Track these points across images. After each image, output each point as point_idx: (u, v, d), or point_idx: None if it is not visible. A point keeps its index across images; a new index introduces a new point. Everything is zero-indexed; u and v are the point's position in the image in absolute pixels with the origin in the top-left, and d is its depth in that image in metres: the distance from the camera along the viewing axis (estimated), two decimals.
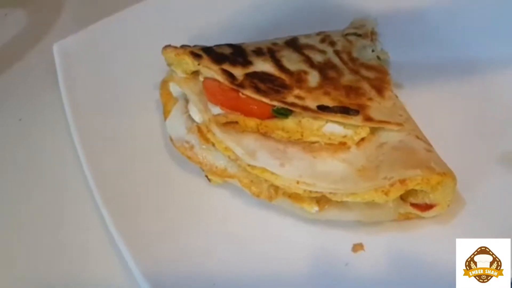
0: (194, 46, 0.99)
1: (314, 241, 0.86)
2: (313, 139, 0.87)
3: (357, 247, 0.84)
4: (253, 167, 0.86)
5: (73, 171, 0.96)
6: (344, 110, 0.86)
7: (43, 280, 0.86)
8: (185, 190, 0.93)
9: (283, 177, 0.84)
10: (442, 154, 0.84)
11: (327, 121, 0.87)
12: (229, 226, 0.88)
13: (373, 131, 0.86)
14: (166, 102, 1.00)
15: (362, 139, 0.86)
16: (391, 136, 0.86)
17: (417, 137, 0.87)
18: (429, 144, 0.87)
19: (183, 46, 0.98)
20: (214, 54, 0.94)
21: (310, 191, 0.83)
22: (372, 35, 1.06)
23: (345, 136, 0.86)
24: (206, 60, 0.94)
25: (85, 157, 0.94)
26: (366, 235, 0.85)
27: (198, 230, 0.87)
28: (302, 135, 0.87)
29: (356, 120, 0.86)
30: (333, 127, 0.87)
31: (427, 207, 0.83)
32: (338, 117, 0.86)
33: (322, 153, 0.86)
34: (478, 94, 1.00)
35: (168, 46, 0.97)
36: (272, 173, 0.85)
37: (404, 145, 0.84)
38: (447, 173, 0.81)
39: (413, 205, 0.84)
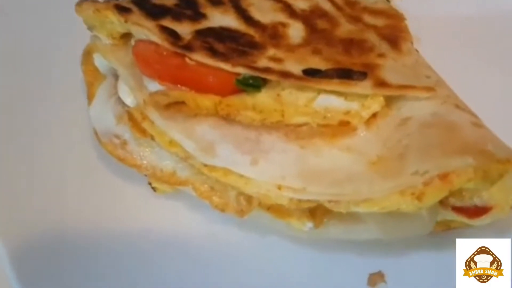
0: None
1: (311, 271, 0.66)
2: (300, 119, 0.63)
3: (375, 278, 0.64)
4: (212, 168, 0.63)
5: None
6: (344, 74, 0.63)
7: None
8: (121, 204, 0.73)
9: (256, 181, 0.61)
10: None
11: (319, 92, 0.64)
12: (185, 255, 0.68)
13: (389, 102, 0.63)
14: (92, 82, 0.78)
15: (374, 115, 0.63)
16: (417, 107, 0.62)
17: (458, 107, 0.61)
18: (476, 116, 0.61)
19: None
20: (149, 6, 0.72)
21: (299, 200, 0.59)
22: None
23: (348, 113, 0.62)
24: (136, 15, 0.69)
25: None
26: (387, 259, 0.65)
27: (139, 260, 0.68)
28: (283, 115, 0.64)
29: (364, 86, 0.62)
30: (329, 100, 0.63)
31: (479, 211, 0.61)
32: (336, 85, 0.62)
33: (314, 141, 0.62)
34: None
35: (84, 0, 0.72)
36: (241, 176, 0.62)
37: (440, 119, 0.59)
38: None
39: (457, 209, 0.62)
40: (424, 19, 0.83)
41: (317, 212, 0.62)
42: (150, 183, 0.70)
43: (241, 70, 0.64)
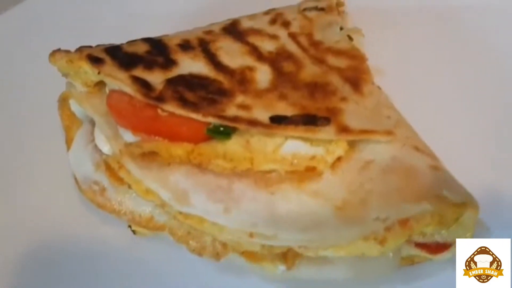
0: (97, 46, 0.72)
1: None
2: (269, 166, 0.64)
3: None
4: (187, 215, 0.63)
5: None
6: (309, 120, 0.64)
7: None
8: (103, 247, 0.72)
9: (229, 229, 0.61)
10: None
11: (286, 138, 0.65)
12: None
13: (352, 145, 0.65)
14: (69, 126, 0.78)
15: (338, 159, 0.64)
16: (379, 150, 0.63)
17: (417, 149, 0.63)
18: (434, 157, 0.63)
19: (81, 48, 0.73)
20: (121, 55, 0.72)
21: (271, 246, 0.60)
22: (338, 7, 0.82)
23: (313, 158, 0.64)
24: (109, 66, 0.70)
25: None
26: None
27: None
28: (252, 163, 0.64)
29: (327, 132, 0.63)
30: (296, 146, 0.64)
31: (440, 247, 0.62)
32: (301, 131, 0.63)
33: (283, 186, 0.63)
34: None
35: (57, 50, 0.73)
36: (214, 223, 0.62)
37: (400, 164, 0.61)
38: (467, 203, 0.58)
39: (420, 245, 0.63)
40: (386, 52, 0.84)
41: (288, 255, 0.62)
42: (130, 226, 0.70)
43: (211, 120, 0.64)
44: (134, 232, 0.71)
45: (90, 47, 0.74)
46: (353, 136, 0.62)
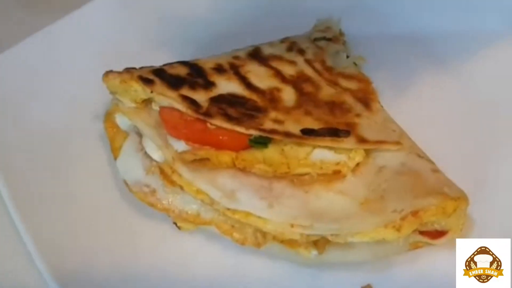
0: (141, 68, 0.83)
1: (312, 285, 0.77)
2: (303, 170, 0.75)
3: None
4: (234, 211, 0.74)
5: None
6: (333, 132, 0.75)
7: None
8: (149, 242, 0.82)
9: (273, 221, 0.72)
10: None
11: (314, 147, 0.76)
12: (210, 279, 0.78)
13: (367, 153, 0.76)
14: (113, 137, 0.86)
15: (357, 165, 0.76)
16: (389, 157, 0.76)
17: (419, 156, 0.76)
18: (432, 162, 0.77)
19: (127, 70, 0.82)
20: (168, 77, 0.81)
21: (308, 235, 0.72)
22: (340, 37, 0.94)
23: (338, 163, 0.76)
24: (159, 86, 0.79)
25: (19, 217, 0.78)
26: (373, 274, 0.76)
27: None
28: (289, 167, 0.75)
29: (349, 142, 0.75)
30: (322, 154, 0.76)
31: (438, 234, 0.73)
32: (327, 141, 0.75)
33: (315, 186, 0.74)
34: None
35: (110, 72, 0.81)
36: (259, 217, 0.73)
37: (408, 168, 0.74)
38: (461, 197, 0.71)
39: (423, 233, 0.74)
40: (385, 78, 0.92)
41: (319, 242, 0.73)
42: (175, 223, 0.79)
43: (252, 132, 0.74)
44: (179, 227, 0.79)
45: (135, 68, 0.84)
46: (370, 145, 0.75)
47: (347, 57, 0.90)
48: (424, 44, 0.98)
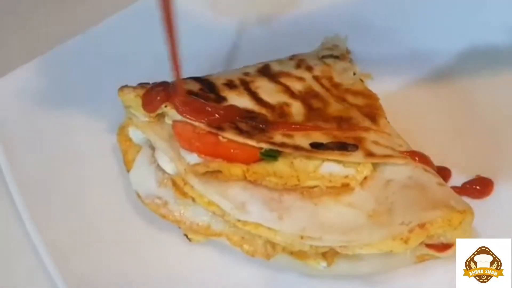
0: (154, 83, 0.85)
1: None
2: (312, 183, 0.77)
3: None
4: (245, 222, 0.75)
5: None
6: (342, 146, 0.77)
7: None
8: (159, 253, 0.83)
9: (283, 233, 0.73)
10: None
11: (323, 160, 0.77)
12: None
13: (375, 167, 0.78)
14: (127, 150, 0.89)
15: (365, 178, 0.77)
16: (396, 171, 0.77)
17: (425, 170, 0.78)
18: (438, 176, 0.78)
19: (141, 85, 0.84)
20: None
21: (317, 246, 0.73)
22: (347, 55, 0.97)
23: (347, 177, 0.77)
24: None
25: (33, 226, 0.81)
26: (380, 285, 0.77)
27: None
28: (298, 180, 0.77)
29: (357, 156, 0.77)
30: (331, 167, 0.78)
31: (444, 247, 0.75)
32: (336, 155, 0.77)
33: (324, 199, 0.76)
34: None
35: (125, 86, 0.85)
36: (269, 229, 0.74)
37: (415, 181, 0.75)
38: (467, 210, 0.73)
39: (429, 245, 0.75)
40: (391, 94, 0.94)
41: (328, 253, 0.74)
42: (185, 235, 0.81)
43: (263, 145, 0.76)
44: (189, 239, 0.81)
45: (148, 84, 0.87)
46: (378, 159, 0.77)
47: (354, 74, 0.92)
48: (430, 62, 1.00)
